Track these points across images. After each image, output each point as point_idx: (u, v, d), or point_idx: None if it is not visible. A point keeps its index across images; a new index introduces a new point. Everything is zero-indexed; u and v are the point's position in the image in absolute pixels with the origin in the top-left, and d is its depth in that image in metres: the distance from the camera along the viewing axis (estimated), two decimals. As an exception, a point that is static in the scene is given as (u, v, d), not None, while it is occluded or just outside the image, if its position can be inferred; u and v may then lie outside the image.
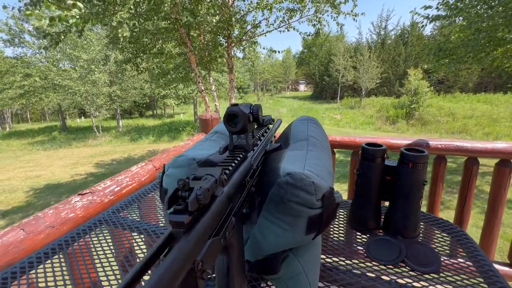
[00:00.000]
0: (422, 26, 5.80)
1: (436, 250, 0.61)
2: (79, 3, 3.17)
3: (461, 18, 5.43)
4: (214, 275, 0.38)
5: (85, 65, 13.67)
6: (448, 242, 0.65)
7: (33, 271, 0.58)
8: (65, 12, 3.07)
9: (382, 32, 27.91)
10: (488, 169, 5.81)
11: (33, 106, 16.27)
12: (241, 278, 0.39)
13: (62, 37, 4.07)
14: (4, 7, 4.39)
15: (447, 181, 5.63)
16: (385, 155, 0.65)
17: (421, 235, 0.67)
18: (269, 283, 0.52)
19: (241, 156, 0.42)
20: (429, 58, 7.05)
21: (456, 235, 0.66)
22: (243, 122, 0.42)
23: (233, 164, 0.38)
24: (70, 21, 3.15)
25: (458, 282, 0.52)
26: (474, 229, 3.73)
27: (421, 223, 0.70)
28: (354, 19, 5.11)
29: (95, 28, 13.00)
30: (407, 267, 0.55)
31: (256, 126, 0.55)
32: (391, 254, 0.58)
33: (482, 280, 0.52)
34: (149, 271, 0.23)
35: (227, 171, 0.36)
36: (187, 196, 0.25)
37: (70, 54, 13.27)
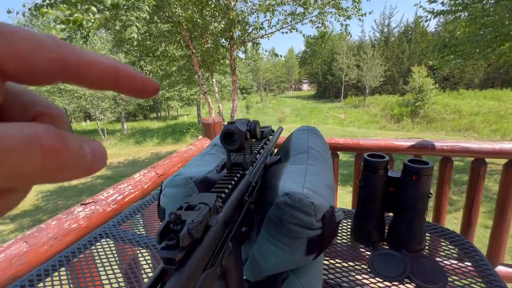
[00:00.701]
0: (427, 20, 5.69)
1: (442, 264, 0.59)
2: (93, 8, 3.21)
3: (466, 13, 5.33)
4: None
5: (89, 69, 13.80)
6: (455, 255, 0.63)
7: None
8: (79, 14, 3.10)
9: (385, 30, 27.63)
10: (497, 167, 5.71)
11: (40, 110, 16.51)
12: (240, 301, 0.38)
13: (68, 42, 4.11)
14: (9, 11, 4.43)
15: (453, 180, 5.54)
16: (388, 166, 0.63)
17: (426, 247, 0.65)
18: None
19: (238, 175, 0.41)
20: (434, 54, 6.94)
21: (463, 247, 0.64)
22: (240, 140, 0.41)
23: (230, 186, 0.37)
24: (85, 24, 3.18)
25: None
26: (483, 229, 3.66)
27: (427, 234, 0.68)
28: (360, 19, 5.03)
29: (99, 32, 13.12)
30: (412, 284, 0.54)
31: (254, 140, 0.54)
32: (396, 269, 0.57)
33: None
34: None
35: (222, 195, 0.35)
36: (179, 229, 0.25)
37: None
